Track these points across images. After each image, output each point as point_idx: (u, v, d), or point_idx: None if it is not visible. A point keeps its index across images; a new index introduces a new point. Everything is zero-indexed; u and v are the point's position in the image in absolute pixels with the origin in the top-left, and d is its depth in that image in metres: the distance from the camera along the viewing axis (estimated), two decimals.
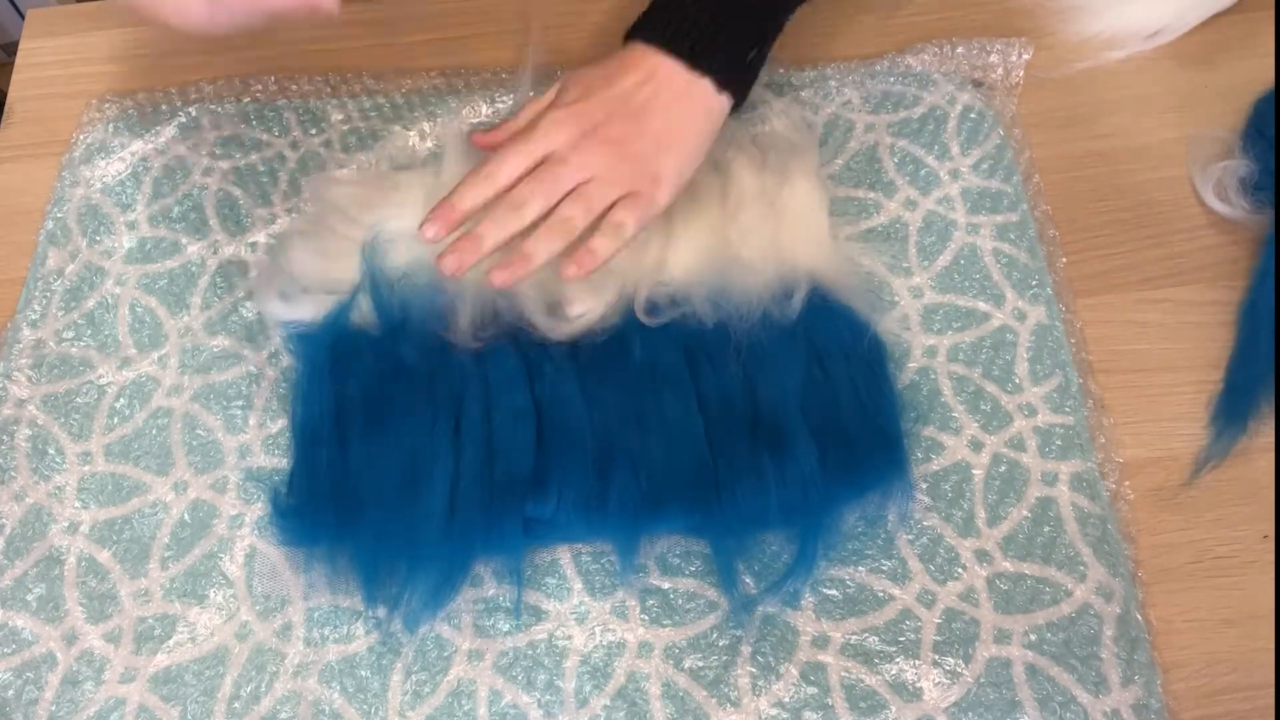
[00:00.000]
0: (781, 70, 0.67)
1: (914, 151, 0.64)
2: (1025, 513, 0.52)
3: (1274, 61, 0.61)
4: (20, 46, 0.71)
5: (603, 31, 0.70)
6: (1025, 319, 0.58)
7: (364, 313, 0.55)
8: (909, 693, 0.48)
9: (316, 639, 0.50)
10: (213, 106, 0.66)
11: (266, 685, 0.49)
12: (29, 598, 0.52)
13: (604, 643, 0.50)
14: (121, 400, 0.57)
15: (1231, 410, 0.54)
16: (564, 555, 0.52)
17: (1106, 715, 0.48)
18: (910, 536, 0.52)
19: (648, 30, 0.54)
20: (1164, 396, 0.56)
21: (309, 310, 0.56)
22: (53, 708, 0.49)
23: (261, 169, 0.64)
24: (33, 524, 0.53)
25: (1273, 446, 0.54)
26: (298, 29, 0.70)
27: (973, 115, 0.65)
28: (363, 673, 0.49)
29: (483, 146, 0.56)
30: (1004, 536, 0.52)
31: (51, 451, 0.55)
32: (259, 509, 0.53)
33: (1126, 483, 0.53)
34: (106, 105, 0.67)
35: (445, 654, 0.50)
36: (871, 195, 0.62)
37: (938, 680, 0.49)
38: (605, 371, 0.54)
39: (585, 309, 0.55)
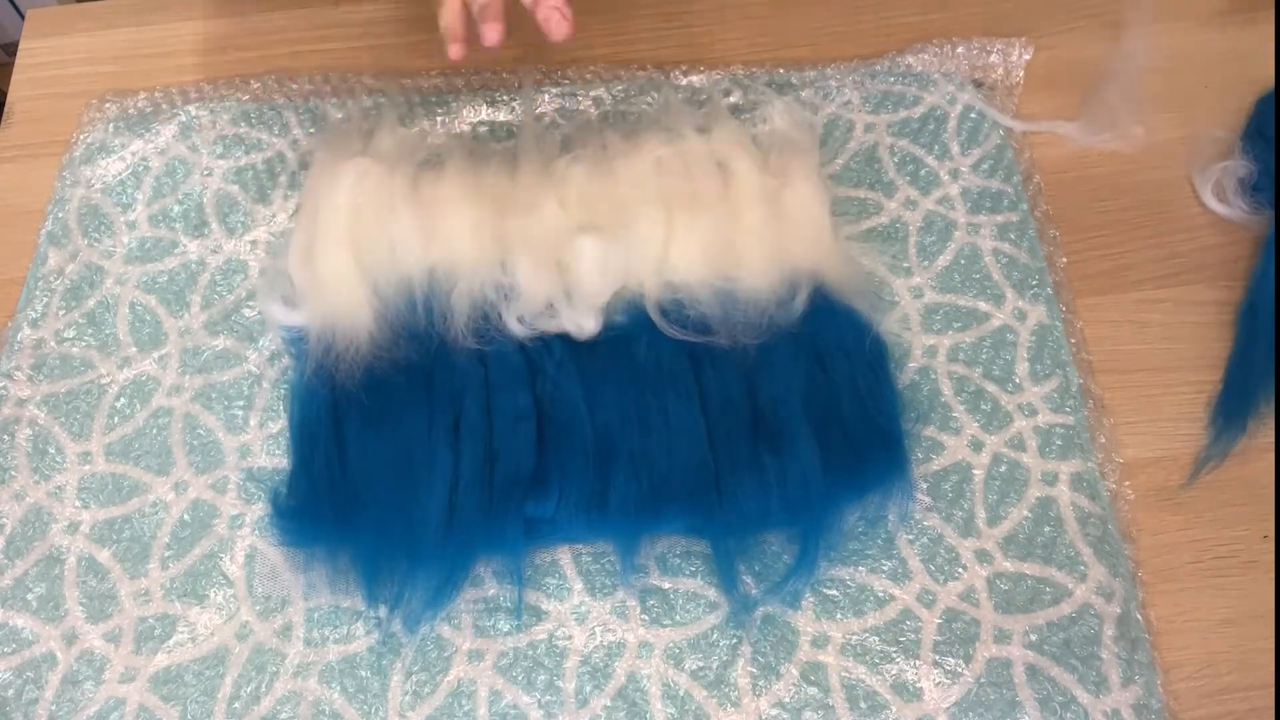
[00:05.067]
0: (781, 70, 0.67)
1: (914, 151, 0.64)
2: (1025, 513, 0.52)
3: (1274, 62, 0.61)
4: (20, 46, 0.71)
5: (600, 30, 0.70)
6: (1025, 319, 0.58)
7: (364, 313, 0.55)
8: (909, 693, 0.48)
9: (316, 639, 0.50)
10: (213, 106, 0.66)
11: (266, 685, 0.49)
12: (29, 597, 0.52)
13: (604, 643, 0.50)
14: (122, 400, 0.57)
15: (1230, 411, 0.54)
16: (564, 555, 0.52)
17: (1106, 715, 0.48)
18: (910, 536, 0.52)
19: None
20: (1164, 396, 0.56)
21: (310, 316, 0.56)
22: (53, 707, 0.49)
23: (261, 169, 0.64)
24: (33, 524, 0.53)
25: (1273, 446, 0.54)
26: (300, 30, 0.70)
27: (973, 115, 0.65)
28: (363, 673, 0.49)
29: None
30: (1004, 536, 0.52)
31: (51, 451, 0.55)
32: (259, 509, 0.53)
33: (1126, 483, 0.53)
34: (106, 105, 0.67)
35: (445, 654, 0.50)
36: (871, 195, 0.62)
37: (938, 680, 0.49)
38: (608, 371, 0.54)
39: (593, 298, 0.55)
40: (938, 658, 0.49)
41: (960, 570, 0.51)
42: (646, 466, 0.51)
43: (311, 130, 0.65)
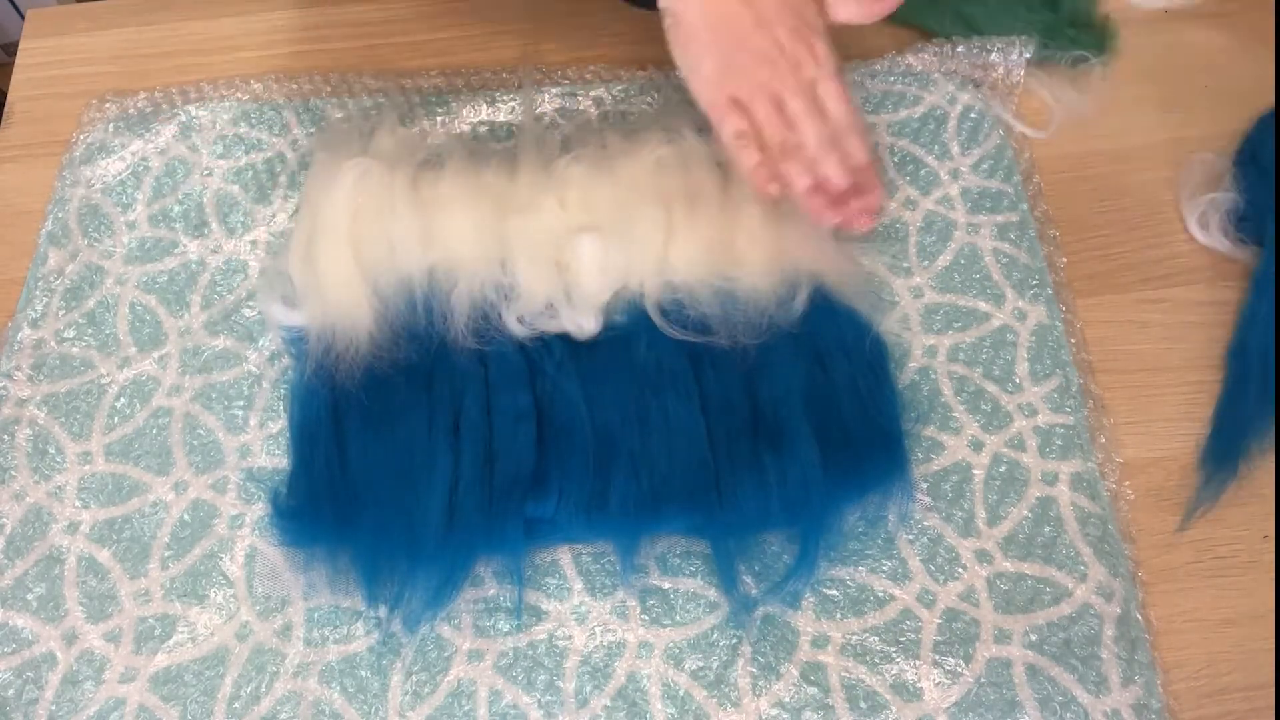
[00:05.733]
0: None
1: (914, 151, 0.64)
2: (1025, 513, 0.52)
3: (1274, 63, 0.61)
4: (20, 46, 0.71)
5: (600, 30, 0.70)
6: (1025, 319, 0.58)
7: (364, 313, 0.55)
8: (909, 693, 0.48)
9: (316, 639, 0.50)
10: (213, 106, 0.66)
11: (266, 685, 0.49)
12: (29, 597, 0.52)
13: (604, 643, 0.50)
14: (122, 400, 0.57)
15: (1221, 455, 0.53)
16: (564, 555, 0.52)
17: (1106, 715, 0.48)
18: (910, 536, 0.52)
19: None
20: (1164, 396, 0.56)
21: (310, 316, 0.56)
22: (53, 707, 0.49)
23: (261, 169, 0.64)
24: (33, 524, 0.53)
25: (1273, 447, 0.54)
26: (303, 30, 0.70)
27: (973, 115, 0.65)
28: (363, 673, 0.49)
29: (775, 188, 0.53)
30: (1004, 536, 0.52)
31: (52, 451, 0.55)
32: (259, 509, 0.53)
33: (1126, 483, 0.53)
34: (106, 105, 0.67)
35: (445, 654, 0.50)
36: None
37: (938, 680, 0.49)
38: (608, 371, 0.54)
39: (593, 297, 0.55)
40: (938, 658, 0.49)
41: (960, 570, 0.51)
42: (646, 466, 0.51)
43: (311, 130, 0.65)
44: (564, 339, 0.55)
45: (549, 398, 0.53)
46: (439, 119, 0.65)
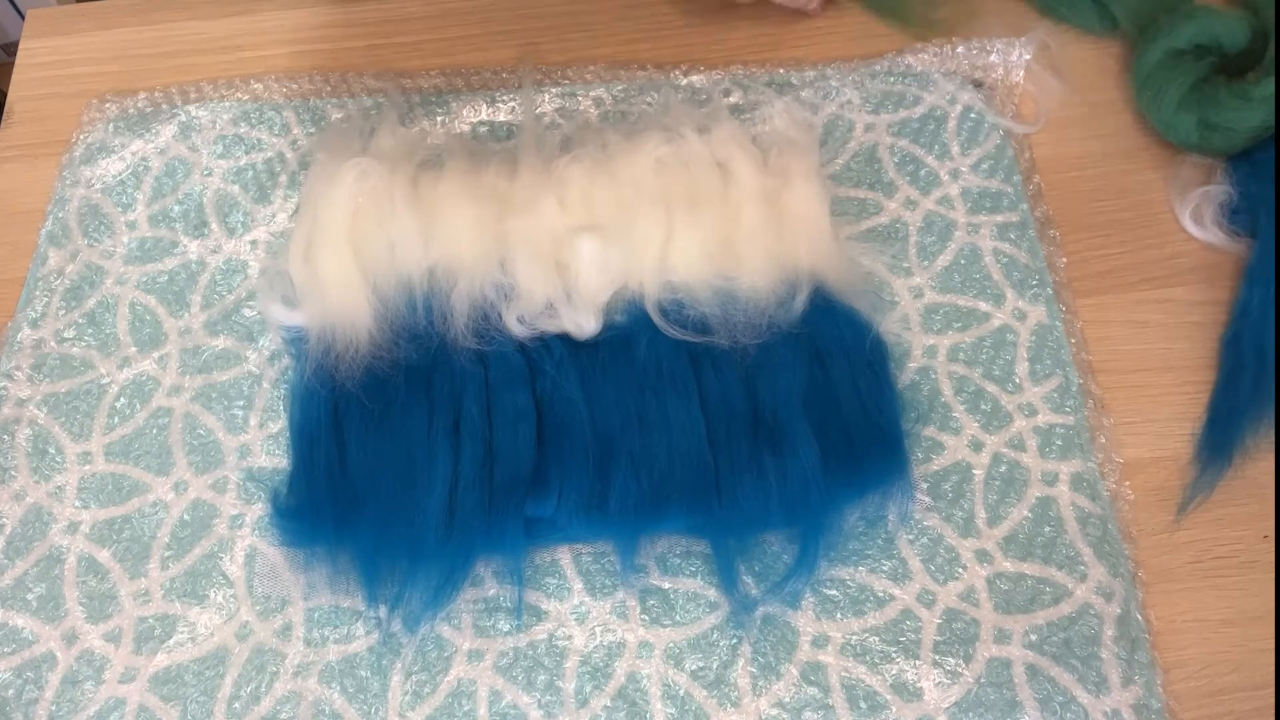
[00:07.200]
0: (781, 70, 0.67)
1: (914, 151, 0.64)
2: (1025, 513, 0.52)
3: (1274, 61, 0.61)
4: (20, 46, 0.71)
5: (600, 30, 0.70)
6: (1025, 319, 0.58)
7: (364, 313, 0.55)
8: (909, 693, 0.48)
9: (316, 639, 0.50)
10: (213, 106, 0.66)
11: (266, 685, 0.49)
12: (29, 597, 0.52)
13: (604, 643, 0.50)
14: (122, 400, 0.57)
15: (1216, 445, 0.53)
16: (564, 555, 0.52)
17: (1107, 715, 0.48)
18: (910, 536, 0.52)
19: None
20: (1164, 396, 0.56)
21: (310, 316, 0.56)
22: (53, 708, 0.49)
23: (261, 169, 0.64)
24: (33, 524, 0.53)
25: (1273, 446, 0.54)
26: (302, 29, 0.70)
27: (973, 115, 0.65)
28: (363, 673, 0.49)
29: None
30: (1004, 536, 0.52)
31: (51, 451, 0.55)
32: (259, 509, 0.53)
33: (1126, 483, 0.53)
34: (106, 105, 0.67)
35: (445, 654, 0.50)
36: (871, 195, 0.62)
37: (938, 680, 0.49)
38: (608, 370, 0.54)
39: (591, 298, 0.55)
40: (938, 658, 0.49)
41: (960, 570, 0.51)
42: (646, 466, 0.51)
43: (311, 130, 0.65)
44: (564, 339, 0.55)
45: (549, 398, 0.53)
46: (439, 119, 0.65)
